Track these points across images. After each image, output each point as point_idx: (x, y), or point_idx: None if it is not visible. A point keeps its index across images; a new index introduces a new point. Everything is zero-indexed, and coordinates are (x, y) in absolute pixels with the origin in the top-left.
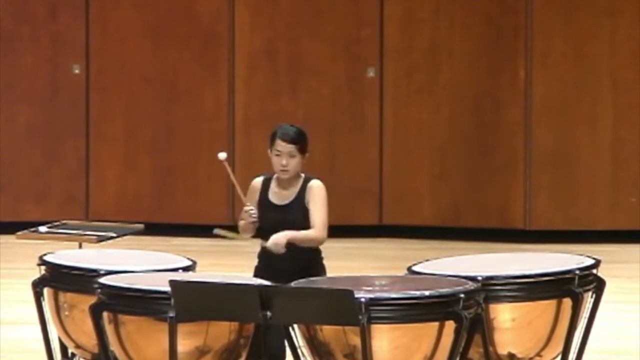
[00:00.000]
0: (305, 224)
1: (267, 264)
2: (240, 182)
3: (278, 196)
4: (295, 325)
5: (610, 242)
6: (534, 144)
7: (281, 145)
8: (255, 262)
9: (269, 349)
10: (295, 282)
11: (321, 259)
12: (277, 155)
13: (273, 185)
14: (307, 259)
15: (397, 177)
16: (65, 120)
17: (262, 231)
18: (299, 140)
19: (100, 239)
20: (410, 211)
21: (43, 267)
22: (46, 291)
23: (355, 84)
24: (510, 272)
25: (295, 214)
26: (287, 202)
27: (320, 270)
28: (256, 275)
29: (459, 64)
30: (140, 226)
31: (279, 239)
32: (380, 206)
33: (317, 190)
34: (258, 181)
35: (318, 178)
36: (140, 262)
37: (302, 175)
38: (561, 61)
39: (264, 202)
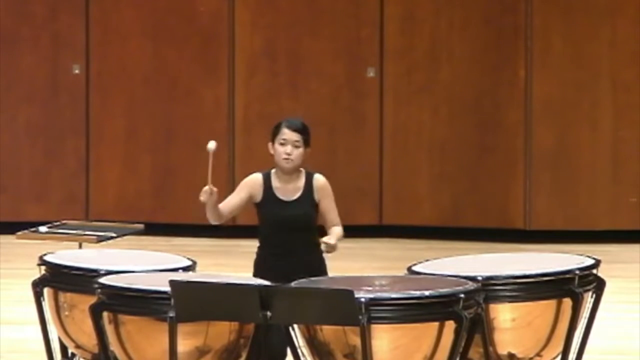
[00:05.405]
0: (312, 219)
1: (273, 262)
2: (239, 182)
3: (283, 192)
4: (295, 325)
5: (610, 242)
6: (534, 144)
7: (287, 133)
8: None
9: (270, 349)
10: (296, 282)
11: (321, 252)
12: (281, 144)
13: (274, 181)
14: (313, 257)
15: (397, 177)
16: (65, 120)
17: (269, 227)
18: (304, 131)
19: (100, 239)
20: (410, 211)
21: (43, 267)
22: (46, 291)
23: (355, 84)
24: (510, 272)
25: (305, 209)
26: (295, 197)
27: (322, 264)
28: (257, 271)
29: (459, 64)
30: (140, 226)
31: (336, 245)
32: (380, 206)
33: (327, 187)
34: (258, 176)
35: (319, 172)
36: (140, 262)
37: (302, 170)
38: (561, 61)
39: (269, 198)
